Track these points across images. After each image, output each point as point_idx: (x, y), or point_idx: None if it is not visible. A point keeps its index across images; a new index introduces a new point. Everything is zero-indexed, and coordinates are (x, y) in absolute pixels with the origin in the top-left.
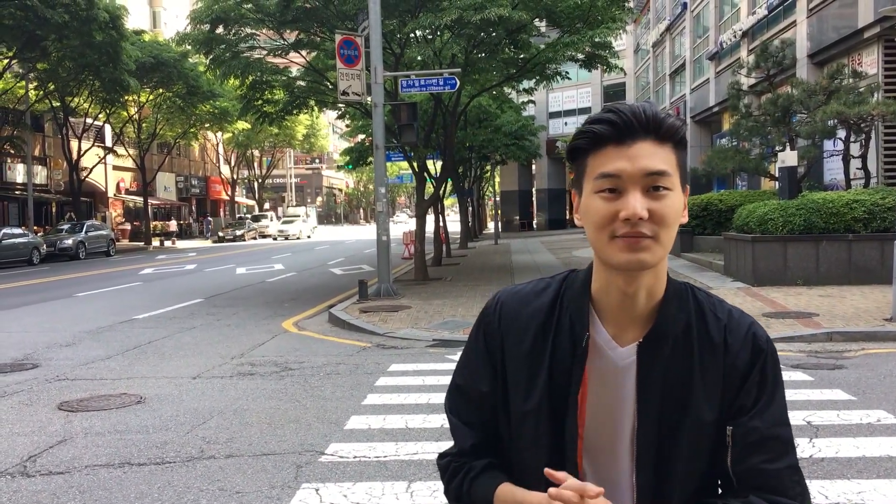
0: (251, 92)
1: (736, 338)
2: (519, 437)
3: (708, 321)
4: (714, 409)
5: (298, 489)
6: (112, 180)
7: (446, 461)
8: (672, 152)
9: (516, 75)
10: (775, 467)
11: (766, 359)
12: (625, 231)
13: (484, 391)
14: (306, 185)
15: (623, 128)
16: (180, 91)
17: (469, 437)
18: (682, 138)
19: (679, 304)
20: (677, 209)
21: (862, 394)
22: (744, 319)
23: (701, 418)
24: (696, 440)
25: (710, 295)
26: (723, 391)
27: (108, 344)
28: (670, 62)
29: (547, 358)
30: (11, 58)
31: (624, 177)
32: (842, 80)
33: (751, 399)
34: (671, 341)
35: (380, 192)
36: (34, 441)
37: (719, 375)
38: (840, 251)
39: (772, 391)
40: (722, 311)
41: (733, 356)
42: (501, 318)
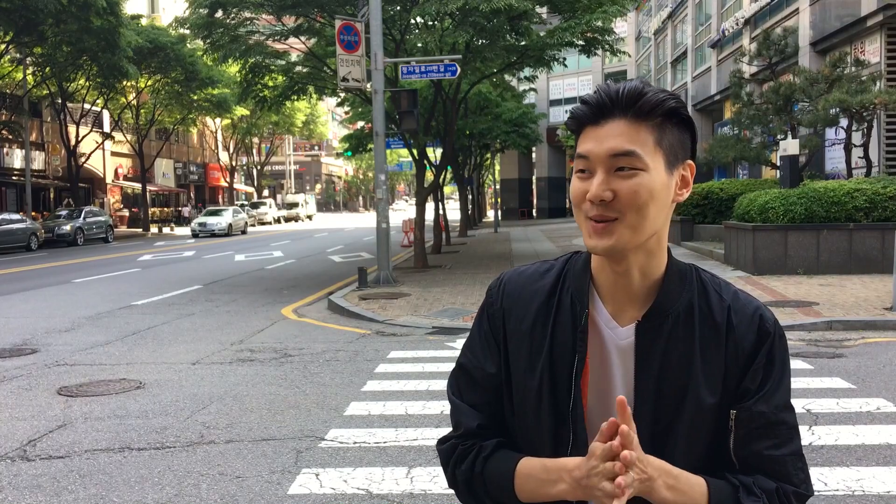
0: (250, 76)
1: (741, 319)
2: (523, 419)
3: (711, 302)
4: (715, 392)
5: (298, 474)
6: (110, 166)
7: (450, 444)
8: (652, 130)
9: (517, 63)
10: (780, 454)
11: (773, 342)
12: (593, 213)
13: (490, 372)
14: (305, 173)
15: (597, 107)
16: (178, 77)
17: (475, 418)
18: (669, 112)
19: (681, 284)
20: (652, 189)
21: (861, 382)
22: (750, 302)
23: (701, 400)
24: (695, 423)
25: (716, 276)
26: (725, 374)
27: (107, 330)
28: (672, 50)
29: (548, 337)
30: (8, 42)
31: (591, 158)
32: (844, 68)
33: (756, 383)
34: (671, 321)
35: (379, 180)
36: (34, 426)
37: (721, 357)
38: (841, 240)
39: (779, 375)
40: (727, 292)
41: (738, 338)
42: (504, 298)
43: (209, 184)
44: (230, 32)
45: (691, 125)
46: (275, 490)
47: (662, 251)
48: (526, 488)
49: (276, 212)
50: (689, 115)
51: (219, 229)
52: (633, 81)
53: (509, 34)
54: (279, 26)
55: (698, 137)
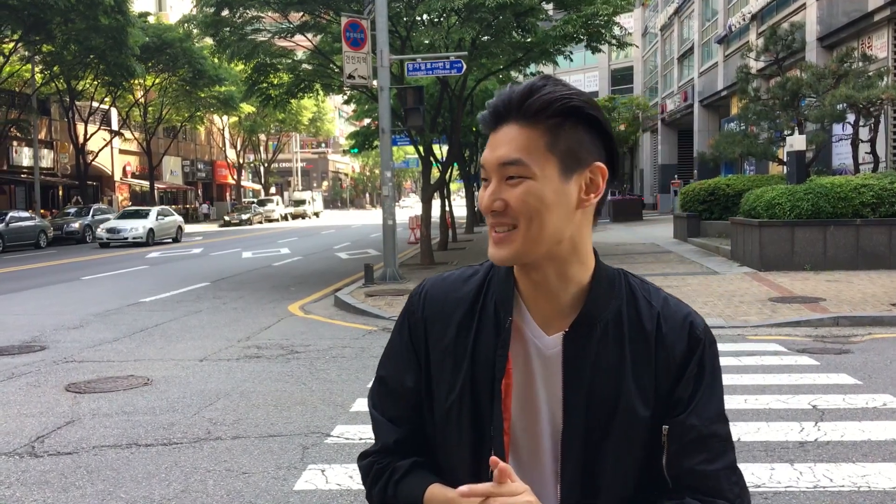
0: (256, 75)
1: (671, 326)
2: (444, 434)
3: (641, 308)
4: (648, 403)
5: (304, 470)
6: (118, 164)
7: (368, 462)
8: (544, 133)
9: (523, 59)
10: (713, 468)
11: (703, 349)
12: (490, 222)
13: (408, 386)
14: (312, 170)
15: (494, 113)
16: (186, 75)
17: (392, 433)
18: (563, 112)
19: (609, 291)
20: (541, 197)
21: (868, 378)
22: (680, 308)
23: (633, 413)
24: (627, 437)
25: (645, 281)
26: (656, 384)
27: (115, 326)
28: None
29: (470, 346)
30: (17, 41)
31: (486, 166)
32: (851, 63)
33: (688, 393)
34: (600, 330)
35: (386, 177)
36: (42, 422)
37: (651, 367)
38: (848, 236)
39: (710, 385)
40: (657, 299)
41: (668, 346)
42: (426, 308)
43: (217, 181)
44: (237, 31)
45: (600, 123)
46: (281, 486)
47: (581, 258)
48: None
49: (283, 209)
50: (595, 112)
51: (134, 237)
52: (535, 78)
53: (515, 30)
54: (285, 23)
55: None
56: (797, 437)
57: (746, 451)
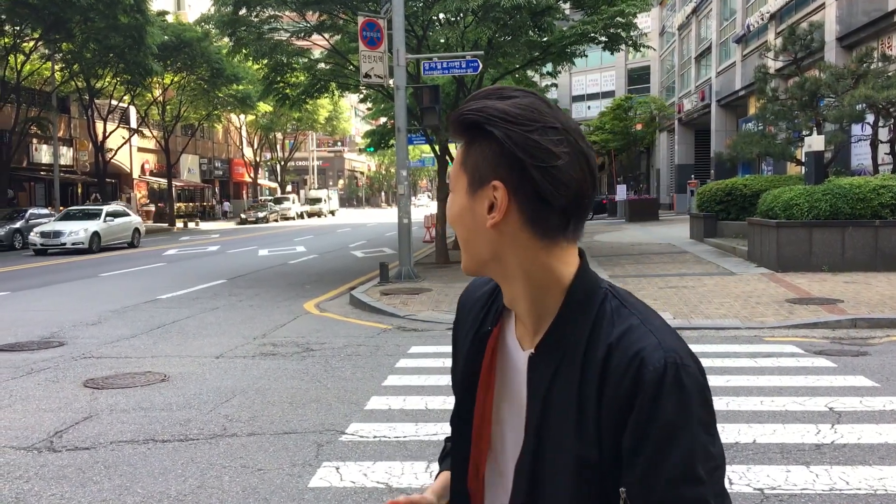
0: (273, 74)
1: (619, 362)
2: None
3: (600, 336)
4: (592, 446)
5: (319, 467)
6: (137, 162)
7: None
8: (463, 149)
9: (539, 58)
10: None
11: (655, 395)
12: None
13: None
14: (328, 168)
15: None
16: (204, 74)
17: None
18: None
19: (579, 315)
20: (452, 211)
21: (885, 381)
22: (640, 341)
23: (573, 454)
24: (571, 479)
25: (626, 303)
26: (598, 428)
27: (133, 323)
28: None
29: (468, 345)
30: (37, 39)
31: None
32: (870, 63)
33: (633, 443)
34: (558, 356)
35: (401, 175)
36: (60, 417)
37: (594, 406)
38: (866, 237)
39: (666, 439)
40: (619, 324)
41: (613, 386)
42: (461, 303)
43: (233, 179)
44: (254, 30)
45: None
46: (296, 483)
47: (532, 280)
48: None
49: (299, 207)
50: (497, 129)
51: (73, 242)
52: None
53: (532, 30)
54: (302, 23)
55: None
56: (813, 439)
57: (762, 454)
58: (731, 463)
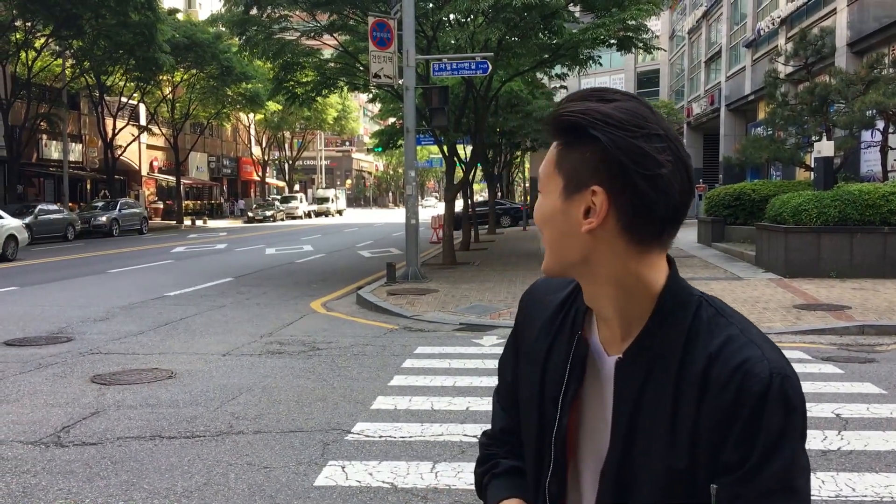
0: (282, 72)
1: (720, 374)
2: (524, 430)
3: (698, 346)
4: (683, 455)
5: (325, 466)
6: (145, 159)
7: (483, 441)
8: (558, 149)
9: (549, 60)
10: None
11: (760, 406)
12: None
13: (508, 380)
14: (336, 168)
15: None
16: (214, 72)
17: (500, 421)
18: (565, 129)
19: (671, 322)
20: (544, 213)
21: (893, 388)
22: (742, 352)
23: (663, 462)
24: (656, 484)
25: (722, 313)
26: (694, 437)
27: (141, 319)
28: (706, 49)
29: (545, 352)
30: (48, 36)
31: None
32: (881, 69)
33: (737, 456)
34: (648, 364)
35: (409, 176)
36: (68, 412)
37: (692, 416)
38: (875, 244)
39: (769, 450)
40: (717, 336)
41: (715, 395)
42: (525, 305)
43: (242, 177)
44: (265, 30)
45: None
46: (301, 481)
47: (623, 286)
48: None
49: (306, 206)
50: (601, 133)
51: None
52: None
53: (542, 32)
54: (312, 23)
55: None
56: (820, 445)
57: None
58: None
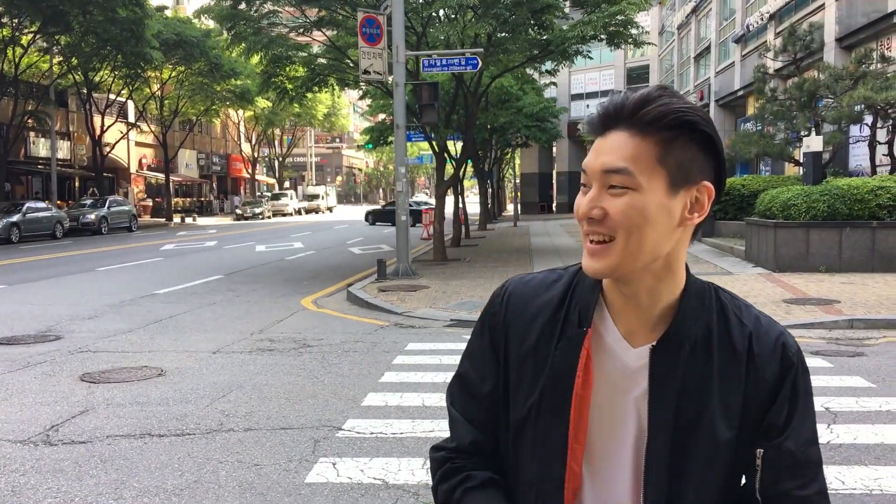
0: (271, 67)
1: (763, 347)
2: (517, 443)
3: (731, 326)
4: (733, 425)
5: (316, 463)
6: (134, 156)
7: (441, 456)
8: (656, 144)
9: (539, 56)
10: (806, 493)
11: (797, 372)
12: (586, 230)
13: (485, 390)
14: (326, 165)
15: (603, 117)
16: (202, 69)
17: (469, 434)
18: (679, 125)
19: (699, 307)
20: (644, 211)
21: (882, 381)
22: (773, 327)
23: (716, 435)
24: (710, 458)
25: (736, 297)
26: (744, 407)
27: (130, 318)
28: (695, 45)
29: (552, 354)
30: (35, 32)
31: (588, 172)
32: (870, 64)
33: (782, 418)
34: (688, 346)
35: (399, 172)
36: (57, 411)
37: (740, 388)
38: (864, 238)
39: (804, 409)
40: (748, 317)
41: (760, 368)
42: (508, 310)
43: (231, 174)
44: (253, 24)
45: (713, 142)
46: (292, 478)
47: (674, 274)
48: None
49: (297, 203)
50: (710, 130)
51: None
52: (650, 88)
53: (532, 27)
54: (301, 18)
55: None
56: None
57: None
58: None
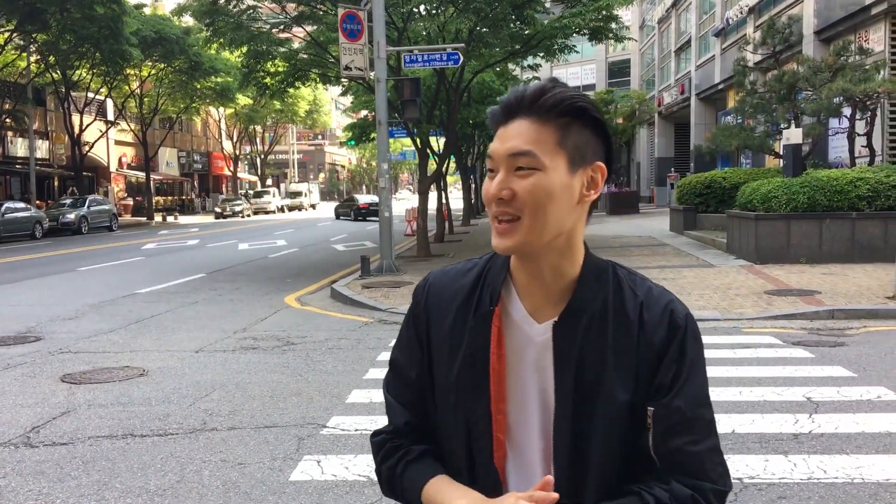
0: (252, 62)
1: (653, 314)
2: (444, 419)
3: (625, 298)
4: (628, 388)
5: (300, 461)
6: (114, 155)
7: (381, 439)
8: (555, 129)
9: (521, 51)
10: (698, 449)
11: (684, 335)
12: (495, 211)
13: (412, 376)
14: (309, 162)
15: (506, 108)
16: (182, 66)
17: (403, 415)
18: (573, 111)
19: (597, 282)
20: (549, 189)
21: (862, 371)
22: (664, 296)
23: (614, 398)
24: (611, 420)
25: (633, 272)
26: (637, 370)
27: (111, 317)
28: (676, 38)
29: (466, 335)
30: (12, 30)
31: (495, 157)
32: (848, 56)
33: (669, 377)
34: (586, 319)
35: (382, 169)
36: (37, 412)
37: (633, 353)
38: (844, 229)
39: (692, 369)
40: (641, 288)
41: (649, 333)
42: (428, 299)
43: (213, 172)
44: (233, 20)
45: (603, 126)
46: (276, 476)
47: (574, 250)
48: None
49: (279, 200)
50: (599, 115)
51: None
52: (544, 81)
53: (513, 22)
54: (282, 15)
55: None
56: (791, 428)
57: (741, 443)
58: None
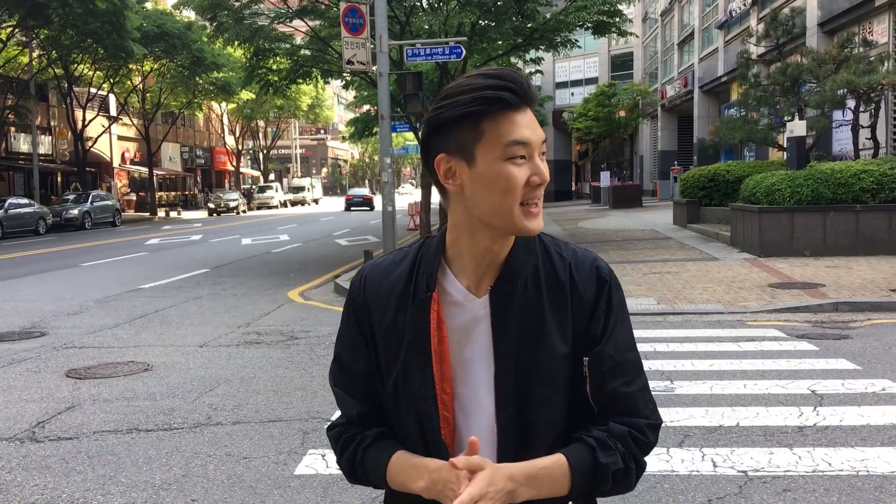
0: (255, 59)
1: (582, 273)
2: (395, 405)
3: (554, 262)
4: (566, 342)
5: (305, 455)
6: (117, 150)
7: (336, 432)
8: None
9: (523, 45)
10: (630, 390)
11: (609, 289)
12: (531, 197)
13: (360, 368)
14: (311, 156)
15: (521, 95)
16: (184, 62)
17: (354, 406)
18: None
19: (525, 250)
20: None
21: (867, 363)
22: (587, 255)
23: (555, 351)
24: (552, 376)
25: (556, 239)
26: (573, 324)
27: (115, 313)
28: (679, 31)
29: (408, 322)
30: (14, 26)
31: (532, 145)
32: (852, 49)
33: (600, 327)
34: (520, 284)
35: (385, 163)
36: (43, 407)
37: (568, 310)
38: (848, 222)
39: (618, 318)
40: (567, 252)
41: (581, 290)
42: (366, 293)
43: (215, 168)
44: (235, 14)
45: None
46: (281, 470)
47: None
48: (395, 480)
49: (282, 195)
50: None
51: None
52: (512, 70)
53: (515, 16)
54: (283, 8)
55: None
56: (796, 421)
57: (746, 436)
58: (715, 446)
